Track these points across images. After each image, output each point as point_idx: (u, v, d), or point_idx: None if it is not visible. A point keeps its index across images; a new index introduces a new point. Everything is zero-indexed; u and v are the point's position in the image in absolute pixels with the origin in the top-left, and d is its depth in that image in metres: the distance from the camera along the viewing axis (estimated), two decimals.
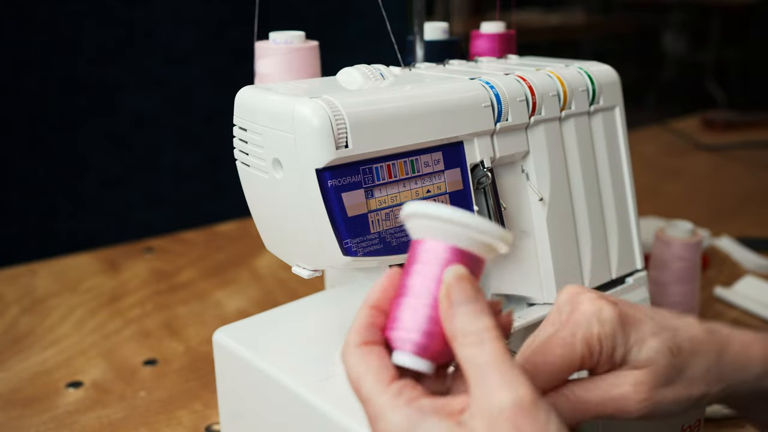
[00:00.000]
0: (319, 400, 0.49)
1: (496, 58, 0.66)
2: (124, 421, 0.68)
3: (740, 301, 0.87)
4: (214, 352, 0.60)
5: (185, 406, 0.70)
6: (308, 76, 0.57)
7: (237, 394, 0.59)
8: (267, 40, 0.57)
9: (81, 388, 0.73)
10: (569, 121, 0.58)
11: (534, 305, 0.59)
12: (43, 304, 0.91)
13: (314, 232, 0.48)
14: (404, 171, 0.49)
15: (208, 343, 0.79)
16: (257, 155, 0.50)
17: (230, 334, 0.59)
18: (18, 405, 0.70)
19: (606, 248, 0.61)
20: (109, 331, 0.84)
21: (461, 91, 0.52)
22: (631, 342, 0.40)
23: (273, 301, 0.90)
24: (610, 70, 0.62)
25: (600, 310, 0.40)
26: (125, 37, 1.42)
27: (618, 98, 0.62)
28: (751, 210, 1.22)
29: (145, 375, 0.75)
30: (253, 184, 0.53)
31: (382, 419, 0.34)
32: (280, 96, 0.48)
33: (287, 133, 0.47)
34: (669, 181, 1.38)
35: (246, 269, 1.00)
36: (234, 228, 1.16)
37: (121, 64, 1.43)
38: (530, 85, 0.55)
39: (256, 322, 0.61)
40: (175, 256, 1.05)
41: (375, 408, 0.35)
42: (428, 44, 0.63)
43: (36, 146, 1.38)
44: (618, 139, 0.62)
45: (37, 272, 1.00)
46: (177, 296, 0.92)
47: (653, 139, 1.66)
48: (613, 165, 0.62)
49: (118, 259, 1.04)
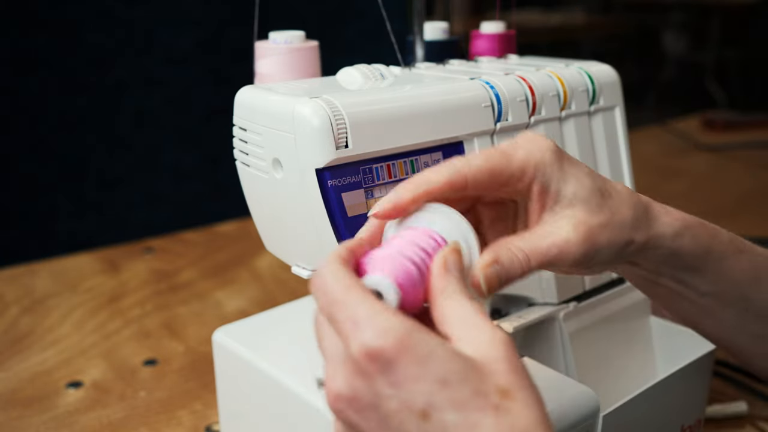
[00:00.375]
0: (319, 400, 0.49)
1: (496, 58, 0.66)
2: (124, 421, 0.68)
3: None
4: (214, 352, 0.60)
5: (185, 406, 0.70)
6: (308, 76, 0.57)
7: (237, 394, 0.59)
8: (267, 39, 0.57)
9: (81, 388, 0.73)
10: (569, 121, 0.58)
11: (534, 305, 0.59)
12: (43, 304, 0.91)
13: (314, 232, 0.48)
14: (404, 171, 0.49)
15: (208, 343, 0.79)
16: (257, 155, 0.50)
17: (230, 334, 0.59)
18: (18, 405, 0.70)
19: None
20: (109, 331, 0.84)
21: (461, 91, 0.52)
22: (566, 177, 0.41)
23: (273, 301, 0.90)
24: (610, 70, 0.62)
25: (540, 140, 0.41)
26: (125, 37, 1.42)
27: (618, 98, 0.62)
28: (751, 210, 1.22)
29: (145, 375, 0.75)
30: (253, 184, 0.53)
31: (370, 322, 0.33)
32: (280, 96, 0.48)
33: (287, 133, 0.47)
34: (669, 181, 1.38)
35: (246, 269, 1.00)
36: (234, 228, 1.16)
37: (121, 64, 1.43)
38: (530, 85, 0.55)
39: (256, 322, 0.61)
40: (175, 256, 1.05)
41: (365, 311, 0.33)
42: (428, 44, 0.63)
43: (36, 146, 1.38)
44: (618, 139, 0.62)
45: (37, 272, 0.99)
46: (177, 296, 0.92)
47: (653, 139, 1.66)
48: (613, 165, 0.62)
49: (118, 259, 1.04)
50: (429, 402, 0.32)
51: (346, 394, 0.33)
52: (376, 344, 0.32)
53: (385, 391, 0.32)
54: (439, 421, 0.32)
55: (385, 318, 0.33)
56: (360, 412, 0.33)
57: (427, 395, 0.32)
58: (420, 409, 0.32)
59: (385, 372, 0.32)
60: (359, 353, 0.32)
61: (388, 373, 0.32)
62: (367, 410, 0.33)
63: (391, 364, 0.32)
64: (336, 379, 0.34)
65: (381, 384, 0.32)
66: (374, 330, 0.32)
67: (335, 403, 0.34)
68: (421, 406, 0.32)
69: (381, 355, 0.32)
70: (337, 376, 0.34)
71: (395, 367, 0.32)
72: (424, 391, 0.32)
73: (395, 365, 0.32)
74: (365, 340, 0.32)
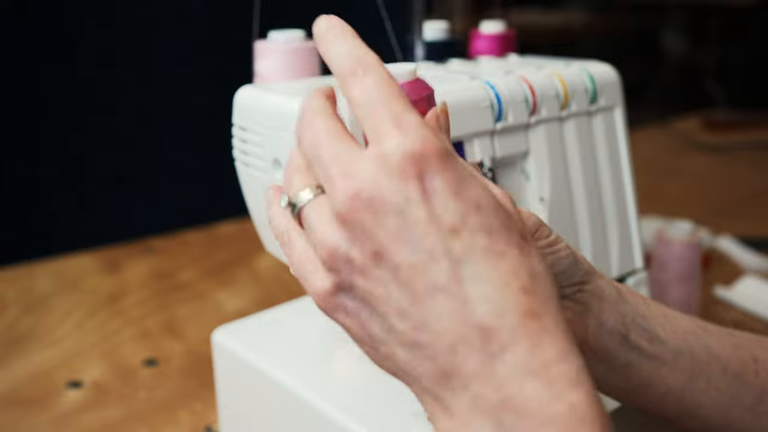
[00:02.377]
0: (319, 399, 0.49)
1: (497, 57, 0.66)
2: (124, 421, 0.68)
3: (740, 301, 0.87)
4: (213, 351, 0.60)
5: (185, 406, 0.70)
6: (308, 76, 0.57)
7: (236, 393, 0.59)
8: (267, 39, 0.57)
9: (81, 388, 0.73)
10: (569, 121, 0.58)
11: None
12: (43, 304, 0.91)
13: None
14: None
15: (208, 343, 0.79)
16: (257, 155, 0.50)
17: (230, 334, 0.59)
18: (18, 405, 0.70)
19: (606, 248, 0.61)
20: (109, 331, 0.84)
21: (461, 91, 0.52)
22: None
23: (273, 301, 0.89)
24: (611, 70, 0.62)
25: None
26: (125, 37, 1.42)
27: (618, 98, 0.62)
28: (752, 210, 1.22)
29: (145, 375, 0.75)
30: (252, 184, 0.53)
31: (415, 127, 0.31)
32: (280, 96, 0.48)
33: (287, 133, 0.47)
34: (669, 181, 1.38)
35: (246, 269, 1.00)
36: (234, 228, 1.16)
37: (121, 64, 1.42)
38: (530, 85, 0.55)
39: (256, 322, 0.61)
40: (175, 256, 1.05)
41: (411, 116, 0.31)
42: (428, 44, 0.63)
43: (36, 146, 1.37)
44: (618, 139, 0.62)
45: (37, 272, 0.99)
46: (177, 296, 0.92)
47: (653, 139, 1.66)
48: (613, 165, 0.62)
49: (118, 259, 1.04)
50: (462, 221, 0.30)
51: (369, 190, 0.30)
52: (421, 148, 0.30)
53: (417, 197, 0.30)
54: (469, 240, 0.30)
55: (430, 130, 0.31)
56: (378, 216, 0.30)
57: (461, 214, 0.30)
58: (450, 224, 0.30)
59: (422, 178, 0.30)
60: (399, 152, 0.30)
61: (425, 179, 0.30)
62: (389, 215, 0.30)
63: (431, 171, 0.30)
64: (359, 170, 0.31)
65: (413, 189, 0.30)
66: (419, 135, 0.30)
67: (351, 200, 0.31)
68: (452, 221, 0.30)
69: (423, 160, 0.30)
70: (359, 165, 0.31)
71: (433, 176, 0.30)
72: (459, 210, 0.30)
73: (434, 174, 0.30)
74: (408, 143, 0.30)
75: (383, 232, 0.30)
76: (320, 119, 0.34)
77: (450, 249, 0.30)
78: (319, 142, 0.33)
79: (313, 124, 0.34)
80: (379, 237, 0.31)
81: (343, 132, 0.33)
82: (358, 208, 0.30)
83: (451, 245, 0.30)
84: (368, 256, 0.31)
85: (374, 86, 0.32)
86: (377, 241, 0.31)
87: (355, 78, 0.33)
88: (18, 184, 1.38)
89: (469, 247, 0.30)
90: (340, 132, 0.33)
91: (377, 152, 0.31)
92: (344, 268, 0.32)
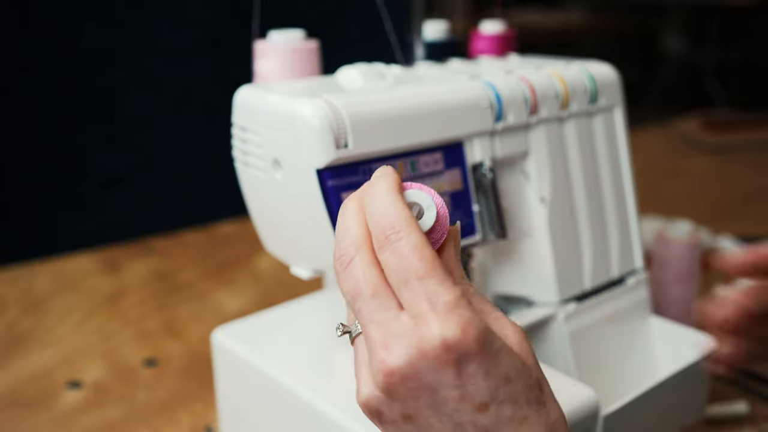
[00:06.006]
0: (319, 399, 0.49)
1: (497, 57, 0.66)
2: (124, 421, 0.68)
3: None
4: (213, 351, 0.60)
5: (185, 406, 0.70)
6: (308, 75, 0.57)
7: (236, 393, 0.59)
8: (267, 39, 0.57)
9: (81, 388, 0.73)
10: (569, 121, 0.58)
11: (534, 305, 0.58)
12: (43, 304, 0.91)
13: (314, 232, 0.48)
14: (404, 171, 0.49)
15: (208, 343, 0.79)
16: (257, 155, 0.50)
17: (229, 334, 0.59)
18: (18, 405, 0.70)
19: (606, 248, 0.61)
20: (108, 331, 0.84)
21: (461, 91, 0.52)
22: None
23: (273, 301, 0.89)
24: (610, 70, 0.62)
25: None
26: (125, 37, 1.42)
27: (618, 98, 0.62)
28: (752, 210, 1.22)
29: (145, 375, 0.75)
30: (252, 184, 0.53)
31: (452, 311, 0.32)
32: (279, 96, 0.48)
33: (287, 133, 0.47)
34: (669, 181, 1.38)
35: (246, 269, 1.00)
36: (234, 228, 1.16)
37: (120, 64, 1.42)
38: (530, 85, 0.55)
39: (255, 322, 0.61)
40: (175, 256, 1.05)
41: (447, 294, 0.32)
42: (428, 44, 0.63)
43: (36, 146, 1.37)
44: (618, 139, 0.62)
45: (37, 272, 0.99)
46: (177, 296, 0.92)
47: (653, 139, 1.66)
48: (613, 165, 0.62)
49: (118, 259, 1.04)
50: (492, 396, 0.32)
51: (406, 370, 0.32)
52: (460, 337, 0.32)
53: (451, 381, 0.32)
54: (495, 414, 0.33)
55: (466, 310, 0.32)
56: (414, 391, 0.33)
57: (492, 390, 0.32)
58: (480, 401, 0.32)
59: (457, 365, 0.32)
60: (438, 340, 0.32)
61: (461, 365, 0.32)
62: (423, 390, 0.33)
63: (467, 358, 0.32)
64: (395, 352, 0.32)
65: (449, 374, 0.32)
66: (456, 321, 0.32)
67: (389, 376, 0.33)
68: (482, 399, 0.33)
69: (459, 348, 0.32)
70: (397, 348, 0.32)
71: (469, 362, 0.32)
72: (490, 387, 0.32)
73: (470, 360, 0.32)
74: (446, 330, 0.32)
75: (414, 403, 0.33)
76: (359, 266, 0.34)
77: (477, 422, 0.33)
78: (359, 294, 0.34)
79: (353, 271, 0.34)
80: (410, 405, 0.33)
81: (381, 284, 0.34)
82: (393, 382, 0.33)
83: (480, 420, 0.33)
84: (398, 415, 0.34)
85: (408, 253, 0.33)
86: (410, 407, 0.33)
87: (389, 243, 0.33)
88: (18, 184, 1.38)
89: (496, 419, 0.33)
90: (378, 285, 0.34)
91: (416, 333, 0.32)
92: (376, 415, 0.35)
